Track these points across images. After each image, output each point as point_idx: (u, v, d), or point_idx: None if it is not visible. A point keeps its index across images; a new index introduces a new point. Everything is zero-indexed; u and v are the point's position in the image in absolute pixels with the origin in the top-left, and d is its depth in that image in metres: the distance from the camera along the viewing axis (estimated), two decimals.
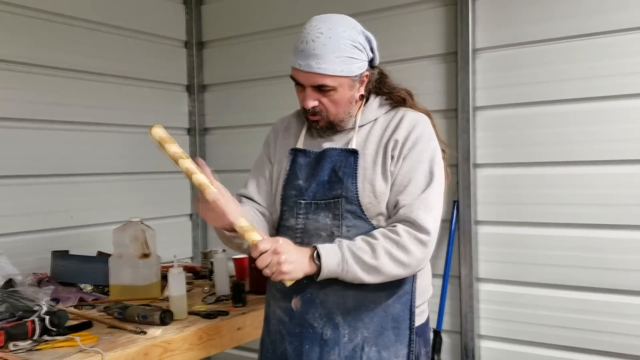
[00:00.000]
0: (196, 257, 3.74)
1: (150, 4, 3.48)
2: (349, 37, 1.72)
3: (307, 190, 1.82)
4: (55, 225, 2.96)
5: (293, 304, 1.83)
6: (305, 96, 1.76)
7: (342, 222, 1.76)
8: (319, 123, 1.82)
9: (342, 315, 1.79)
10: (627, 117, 2.48)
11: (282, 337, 1.86)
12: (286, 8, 3.36)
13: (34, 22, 2.86)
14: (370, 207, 1.76)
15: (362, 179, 1.77)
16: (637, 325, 2.49)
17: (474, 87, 2.79)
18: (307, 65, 1.71)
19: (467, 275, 2.83)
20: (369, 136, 1.83)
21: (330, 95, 1.75)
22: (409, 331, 1.82)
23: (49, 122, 2.94)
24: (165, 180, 3.49)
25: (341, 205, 1.77)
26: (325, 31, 1.70)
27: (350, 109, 1.82)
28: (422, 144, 1.78)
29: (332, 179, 1.79)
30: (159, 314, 2.11)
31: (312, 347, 1.80)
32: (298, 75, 1.75)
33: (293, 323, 1.83)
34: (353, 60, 1.73)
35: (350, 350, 1.78)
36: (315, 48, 1.69)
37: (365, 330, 1.79)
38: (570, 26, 2.58)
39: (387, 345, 1.79)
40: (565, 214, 2.63)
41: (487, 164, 2.81)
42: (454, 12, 2.83)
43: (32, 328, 1.92)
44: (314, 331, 1.80)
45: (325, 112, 1.79)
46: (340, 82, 1.74)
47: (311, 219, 1.80)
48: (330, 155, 1.82)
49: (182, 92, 3.70)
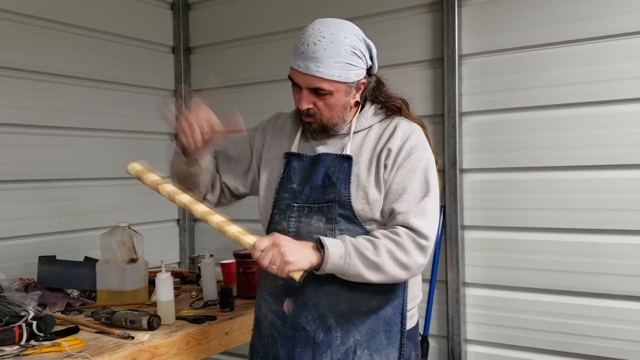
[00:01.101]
0: (184, 262, 3.74)
1: (138, 9, 3.48)
2: (350, 44, 1.73)
3: (300, 194, 1.83)
4: (42, 231, 2.95)
5: (285, 307, 1.84)
6: (301, 98, 1.78)
7: (336, 226, 1.77)
8: (312, 125, 1.84)
9: (334, 318, 1.79)
10: (611, 122, 2.51)
11: (274, 341, 1.87)
12: (273, 14, 3.37)
13: (20, 27, 2.85)
14: (362, 213, 1.78)
15: (355, 185, 1.78)
16: (622, 330, 2.52)
17: (460, 93, 2.81)
18: (305, 67, 1.72)
19: (454, 279, 2.84)
20: (363, 143, 1.84)
21: (325, 99, 1.77)
22: (400, 335, 1.84)
23: (35, 127, 2.93)
24: None
25: (334, 209, 1.77)
26: (327, 35, 1.71)
27: (345, 114, 1.83)
28: (417, 154, 1.79)
29: (326, 183, 1.80)
30: (146, 318, 2.11)
31: (305, 350, 1.80)
32: (296, 76, 1.77)
33: (285, 326, 1.84)
34: (352, 66, 1.75)
35: (342, 354, 1.79)
36: (316, 51, 1.70)
37: (357, 334, 1.80)
38: (554, 33, 2.61)
39: (378, 349, 1.81)
40: (551, 218, 2.65)
41: (473, 169, 2.83)
42: (441, 19, 2.85)
43: (19, 333, 1.92)
44: (306, 334, 1.80)
45: (319, 115, 1.80)
46: (337, 87, 1.75)
47: (304, 222, 1.81)
48: (325, 160, 1.83)
49: (170, 98, 3.70)
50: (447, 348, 2.89)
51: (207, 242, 3.63)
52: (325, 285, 1.75)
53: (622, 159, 2.50)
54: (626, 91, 2.48)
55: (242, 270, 2.64)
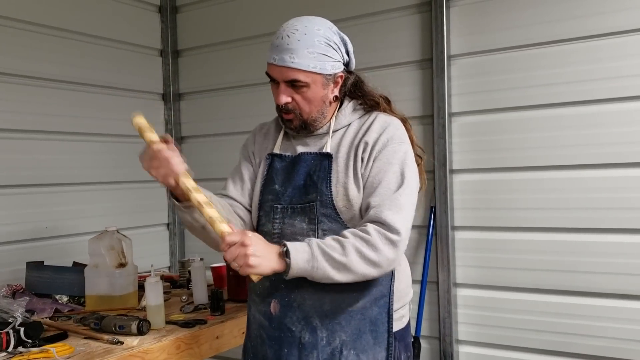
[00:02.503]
0: (173, 266, 3.72)
1: (126, 12, 3.46)
2: (324, 35, 1.75)
3: (283, 195, 1.83)
4: (29, 236, 2.92)
5: (272, 308, 1.83)
6: (279, 92, 1.78)
7: (319, 226, 1.77)
8: (293, 122, 1.84)
9: (319, 318, 1.79)
10: (600, 121, 2.52)
11: (262, 341, 1.87)
12: (262, 17, 3.36)
13: (5, 30, 2.82)
14: (345, 210, 1.77)
15: (335, 182, 1.78)
16: (614, 328, 2.52)
17: (450, 94, 2.81)
18: (280, 60, 1.73)
19: (445, 280, 2.84)
20: (342, 140, 1.84)
21: (303, 92, 1.77)
22: (387, 334, 1.83)
23: (22, 131, 2.90)
24: (141, 189, 3.46)
25: (316, 209, 1.77)
26: (300, 28, 1.74)
27: (324, 109, 1.83)
28: (393, 146, 1.78)
29: (307, 183, 1.80)
30: (136, 323, 2.09)
31: (291, 350, 1.80)
32: (272, 70, 1.78)
33: (272, 327, 1.84)
34: (327, 58, 1.76)
35: (328, 354, 1.78)
36: (290, 43, 1.72)
37: (343, 334, 1.79)
38: (542, 32, 2.61)
39: (365, 349, 1.80)
40: (541, 218, 2.65)
41: (463, 170, 2.83)
42: (429, 19, 2.85)
43: (6, 340, 1.89)
44: (292, 335, 1.80)
45: (299, 110, 1.80)
46: (314, 79, 1.76)
47: (287, 223, 1.81)
48: (305, 160, 1.83)
49: (158, 101, 3.69)
50: (439, 349, 2.88)
51: (197, 245, 3.59)
52: (310, 286, 1.74)
53: (613, 158, 2.50)
54: (621, 89, 2.48)
55: (232, 273, 2.63)
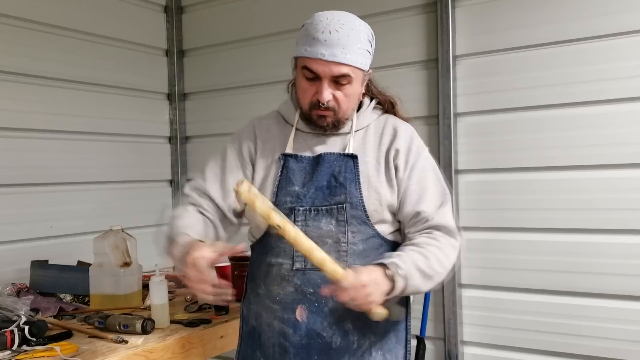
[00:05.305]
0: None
1: (131, 12, 3.46)
2: (365, 32, 1.75)
3: (305, 197, 1.77)
4: (34, 235, 2.92)
5: (298, 315, 1.76)
6: (322, 89, 1.71)
7: (348, 228, 1.74)
8: (327, 119, 1.77)
9: (352, 322, 1.76)
10: (606, 122, 2.51)
11: (283, 350, 1.79)
12: (267, 16, 3.35)
13: (10, 30, 2.82)
14: (374, 213, 1.76)
15: (366, 185, 1.76)
16: (619, 329, 2.50)
17: (455, 94, 2.81)
18: (332, 55, 1.67)
19: (450, 281, 2.82)
20: (365, 142, 1.82)
21: (345, 89, 1.73)
22: (405, 332, 1.86)
23: (27, 130, 2.90)
24: (146, 188, 3.46)
25: (346, 211, 1.74)
26: (346, 23, 1.70)
27: (356, 106, 1.82)
28: (425, 153, 1.84)
29: (332, 184, 1.76)
30: (140, 322, 2.09)
31: (321, 357, 1.76)
32: (318, 65, 1.69)
33: (299, 334, 1.77)
34: (368, 54, 1.76)
35: (359, 357, 1.77)
36: (340, 38, 1.67)
37: (372, 335, 1.78)
38: (548, 33, 2.60)
39: (390, 348, 1.82)
40: (547, 219, 2.64)
41: (468, 170, 2.82)
42: (434, 19, 2.84)
43: (11, 338, 1.90)
44: (322, 341, 1.76)
45: (338, 107, 1.75)
46: (357, 75, 1.74)
47: (312, 225, 1.75)
48: (328, 160, 1.78)
49: (163, 101, 3.68)
50: (444, 350, 2.87)
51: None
52: None
53: (618, 159, 2.49)
54: (621, 90, 2.47)
55: (237, 273, 2.62)
